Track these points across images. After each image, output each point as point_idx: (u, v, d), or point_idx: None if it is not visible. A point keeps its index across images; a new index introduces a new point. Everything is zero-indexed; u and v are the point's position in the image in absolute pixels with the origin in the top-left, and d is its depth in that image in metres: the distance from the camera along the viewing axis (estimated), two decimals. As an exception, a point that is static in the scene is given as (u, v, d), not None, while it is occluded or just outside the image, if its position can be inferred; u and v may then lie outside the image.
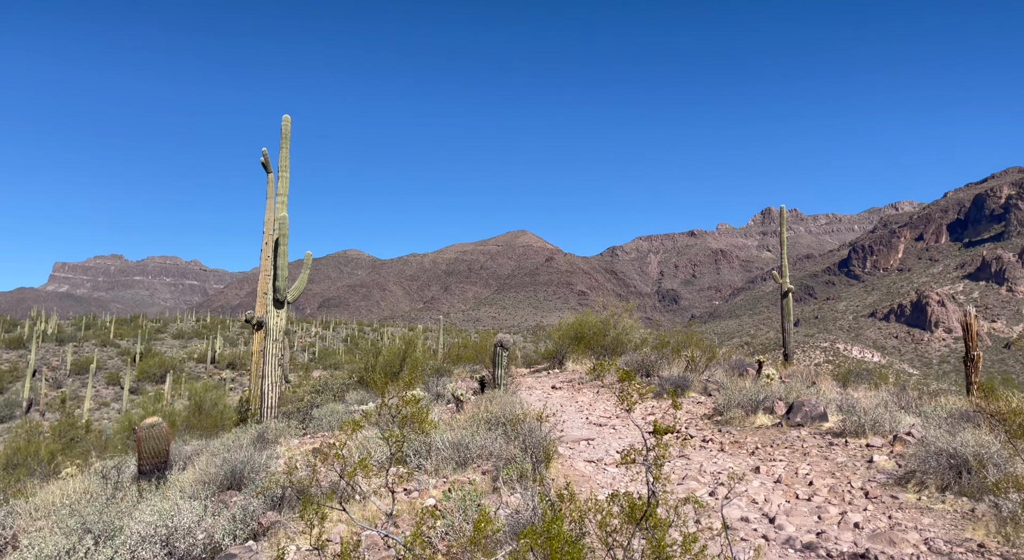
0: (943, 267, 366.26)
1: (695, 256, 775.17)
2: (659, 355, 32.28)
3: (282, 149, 22.62)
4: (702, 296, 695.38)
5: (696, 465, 14.52)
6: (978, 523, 8.94)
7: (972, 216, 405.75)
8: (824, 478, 12.56)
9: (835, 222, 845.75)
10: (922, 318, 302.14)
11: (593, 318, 39.18)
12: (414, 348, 34.82)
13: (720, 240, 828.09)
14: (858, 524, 9.61)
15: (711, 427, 19.00)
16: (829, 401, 19.98)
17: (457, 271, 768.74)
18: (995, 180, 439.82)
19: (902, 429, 15.31)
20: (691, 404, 23.54)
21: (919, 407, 18.67)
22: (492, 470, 13.04)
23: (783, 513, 10.47)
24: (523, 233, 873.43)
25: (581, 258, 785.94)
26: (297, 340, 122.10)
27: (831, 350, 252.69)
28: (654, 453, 5.34)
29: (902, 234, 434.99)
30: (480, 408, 19.58)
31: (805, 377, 31.46)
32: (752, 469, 13.80)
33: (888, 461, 13.12)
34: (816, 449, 15.01)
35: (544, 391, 29.24)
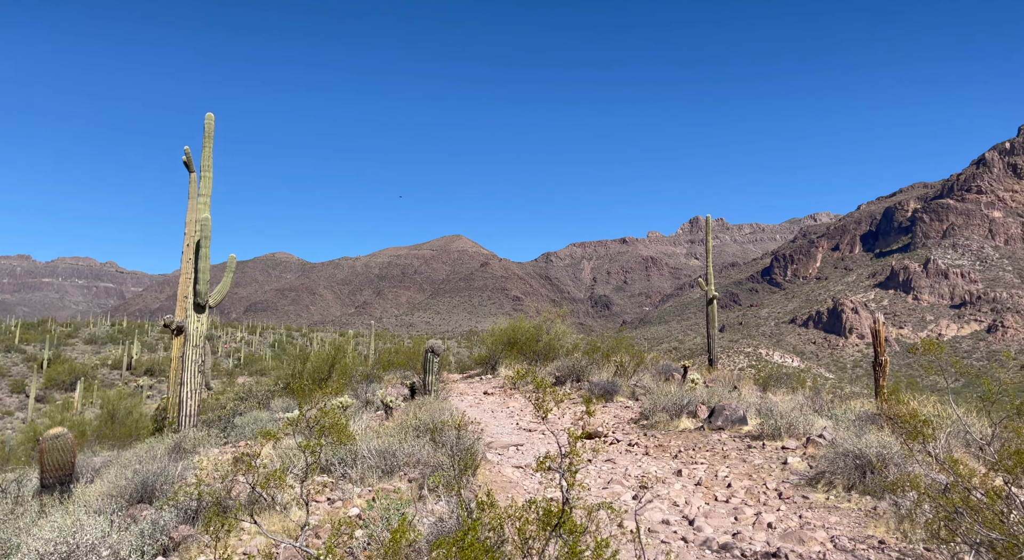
0: (856, 276, 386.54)
1: (627, 263, 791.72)
2: (590, 360, 32.71)
3: (205, 148, 21.83)
4: (633, 302, 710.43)
5: (621, 469, 14.77)
6: (879, 520, 9.44)
7: (883, 228, 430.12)
8: (742, 480, 13.00)
9: (759, 232, 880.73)
10: (838, 324, 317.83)
11: (526, 324, 39.40)
12: (344, 354, 34.15)
13: (651, 248, 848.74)
14: (771, 524, 9.98)
15: (637, 431, 19.38)
16: (749, 405, 20.69)
17: (390, 275, 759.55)
18: (903, 194, 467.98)
19: (815, 432, 16.02)
20: (619, 408, 23.95)
21: (831, 410, 19.57)
22: (419, 478, 12.90)
23: (702, 515, 10.78)
24: (458, 238, 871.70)
25: (516, 264, 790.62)
26: (221, 345, 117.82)
27: (754, 355, 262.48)
28: (569, 460, 5.39)
29: (820, 244, 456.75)
30: (409, 415, 19.36)
31: (728, 382, 32.46)
32: (675, 472, 14.15)
33: (801, 462, 13.70)
34: (735, 452, 15.53)
35: (476, 397, 29.18)
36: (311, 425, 9.19)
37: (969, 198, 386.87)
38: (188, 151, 23.71)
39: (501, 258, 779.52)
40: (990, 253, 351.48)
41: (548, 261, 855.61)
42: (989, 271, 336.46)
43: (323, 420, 8.72)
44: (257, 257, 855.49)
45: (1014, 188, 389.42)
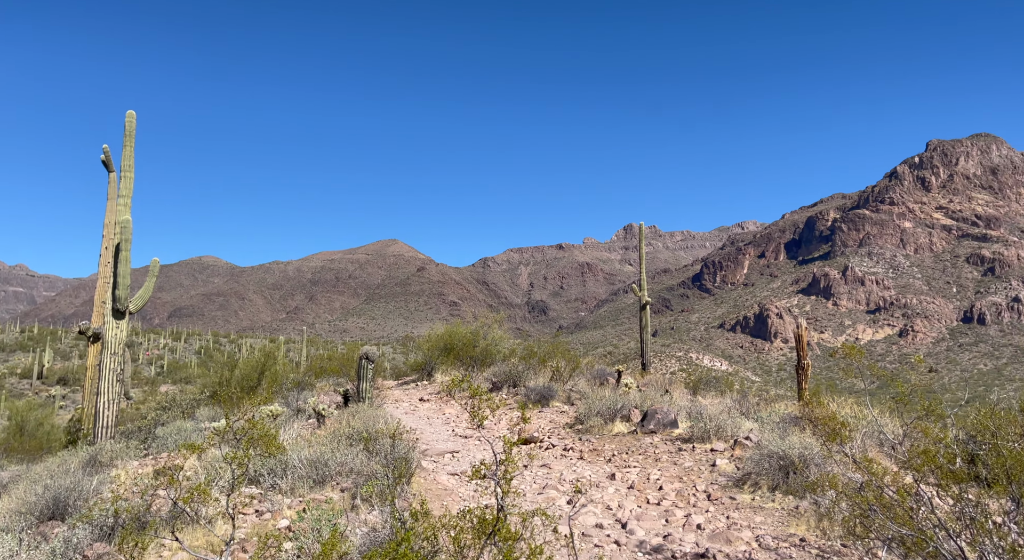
0: (781, 282, 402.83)
1: (563, 268, 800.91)
2: (527, 366, 32.84)
3: (126, 147, 20.86)
4: (569, 307, 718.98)
5: (557, 474, 14.89)
6: (801, 519, 9.84)
7: (805, 236, 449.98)
8: (673, 482, 13.31)
9: (690, 239, 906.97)
10: (763, 329, 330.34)
11: (463, 329, 39.27)
12: (274, 361, 33.20)
13: (586, 253, 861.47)
14: (700, 525, 10.26)
15: (572, 436, 19.58)
16: (680, 409, 21.21)
17: (324, 280, 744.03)
18: (823, 205, 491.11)
19: (742, 434, 16.57)
20: (555, 414, 24.14)
21: (757, 413, 20.28)
22: (352, 487, 12.66)
23: (635, 518, 10.97)
24: (394, 242, 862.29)
25: (453, 269, 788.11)
26: (143, 353, 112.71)
27: (685, 359, 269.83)
28: (503, 467, 5.39)
29: (747, 251, 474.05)
30: (342, 423, 18.98)
31: (660, 385, 33.17)
32: (608, 476, 14.37)
33: (729, 464, 14.14)
34: (667, 455, 15.89)
35: (412, 404, 28.88)
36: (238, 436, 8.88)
37: (883, 209, 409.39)
38: (107, 150, 22.61)
39: (438, 263, 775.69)
40: (902, 261, 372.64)
41: (486, 266, 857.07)
42: (901, 278, 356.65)
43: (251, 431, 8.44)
44: (183, 261, 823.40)
45: (922, 200, 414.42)
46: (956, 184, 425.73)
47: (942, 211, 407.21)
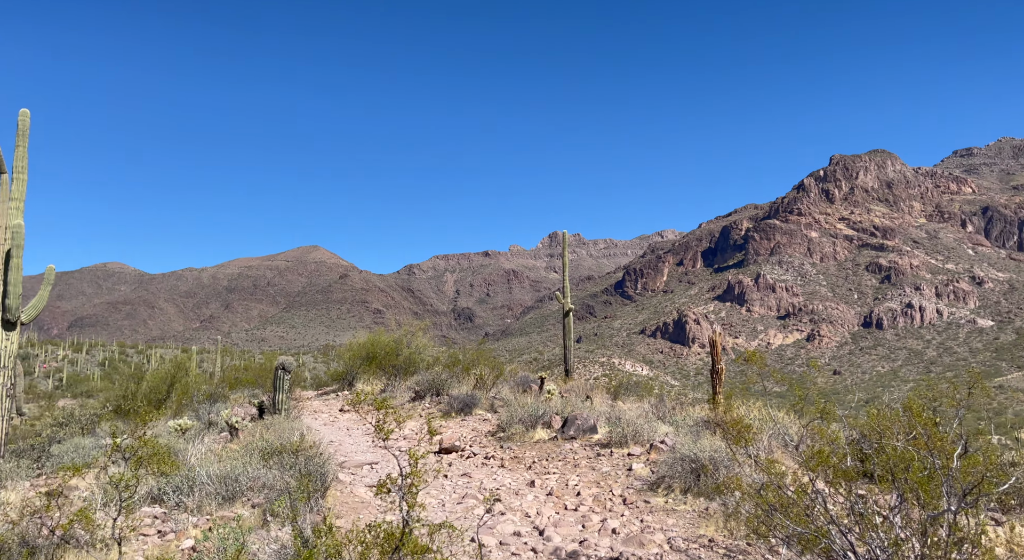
0: (698, 289, 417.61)
1: (489, 275, 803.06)
2: (451, 374, 32.67)
3: (18, 147, 19.50)
4: (495, 314, 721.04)
5: (477, 482, 14.85)
6: (710, 520, 10.18)
7: (720, 245, 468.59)
8: (590, 488, 13.52)
9: (612, 247, 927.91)
10: (682, 335, 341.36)
11: (387, 337, 38.71)
12: (185, 372, 31.73)
13: (512, 261, 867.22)
14: (615, 530, 10.45)
15: (494, 443, 19.59)
16: (600, 414, 21.58)
17: (241, 287, 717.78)
18: (737, 214, 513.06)
19: (657, 438, 17.01)
20: (477, 422, 24.10)
21: (673, 417, 20.88)
22: (264, 503, 12.22)
23: (552, 525, 11.07)
24: (316, 248, 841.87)
25: (377, 276, 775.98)
26: (39, 365, 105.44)
27: (608, 365, 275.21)
28: (410, 481, 5.33)
29: (666, 259, 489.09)
30: (256, 436, 18.31)
31: (582, 391, 33.66)
32: (528, 483, 14.45)
33: (644, 468, 14.49)
34: (586, 460, 16.13)
35: (331, 414, 28.20)
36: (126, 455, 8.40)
37: (792, 219, 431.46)
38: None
39: (362, 270, 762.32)
40: (809, 269, 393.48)
41: (411, 273, 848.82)
42: (808, 285, 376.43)
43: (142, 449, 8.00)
44: (85, 268, 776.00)
45: (827, 211, 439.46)
46: (857, 197, 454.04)
47: (844, 222, 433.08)
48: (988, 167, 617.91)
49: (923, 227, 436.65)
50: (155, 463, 8.18)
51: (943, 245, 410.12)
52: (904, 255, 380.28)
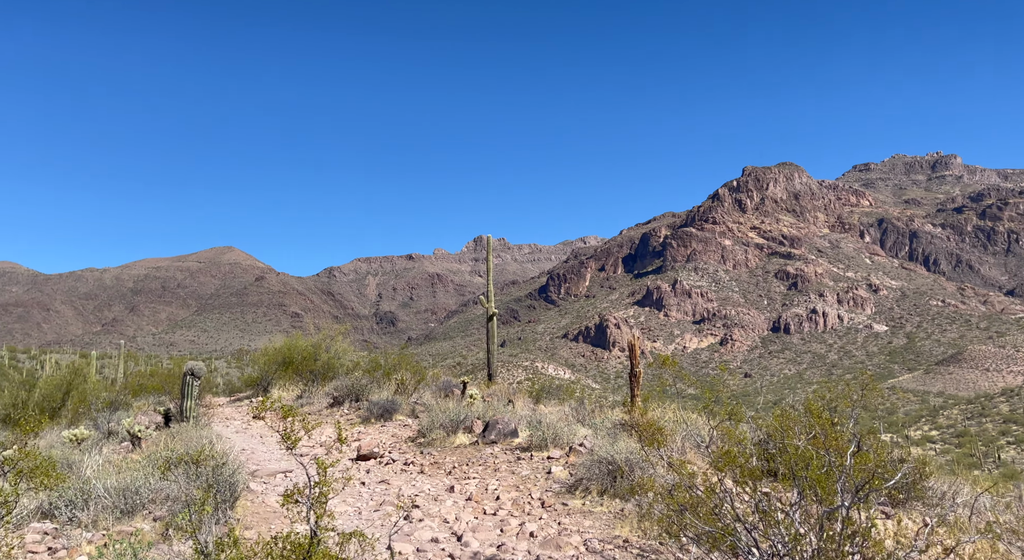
0: (619, 294, 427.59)
1: (413, 279, 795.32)
2: (371, 379, 32.11)
3: None
4: (419, 318, 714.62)
5: (395, 489, 14.62)
6: (625, 521, 10.39)
7: (640, 251, 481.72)
8: (510, 492, 13.55)
9: (537, 252, 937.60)
10: (603, 339, 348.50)
11: (304, 341, 37.67)
12: (84, 378, 29.84)
13: (437, 264, 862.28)
14: (533, 533, 10.51)
15: (414, 449, 19.36)
16: (521, 418, 21.68)
17: (148, 289, 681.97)
18: (656, 222, 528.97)
19: (576, 441, 17.24)
20: (398, 427, 23.78)
21: (592, 420, 21.23)
22: (167, 516, 11.61)
23: (470, 530, 11.02)
24: (230, 249, 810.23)
25: (296, 278, 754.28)
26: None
27: (531, 369, 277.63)
28: (318, 490, 5.18)
29: (589, 265, 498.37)
30: (161, 445, 17.40)
31: (505, 396, 33.75)
32: (448, 489, 14.34)
33: (563, 471, 14.65)
34: (506, 464, 16.16)
35: (244, 421, 27.14)
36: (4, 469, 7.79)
37: (707, 228, 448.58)
38: None
39: (279, 272, 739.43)
40: (722, 276, 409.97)
41: (331, 276, 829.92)
42: (722, 291, 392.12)
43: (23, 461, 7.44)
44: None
45: (739, 220, 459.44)
46: (767, 207, 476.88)
47: (755, 231, 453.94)
48: (883, 182, 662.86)
49: (826, 237, 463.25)
50: (39, 476, 7.56)
51: (844, 254, 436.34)
52: (809, 263, 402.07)
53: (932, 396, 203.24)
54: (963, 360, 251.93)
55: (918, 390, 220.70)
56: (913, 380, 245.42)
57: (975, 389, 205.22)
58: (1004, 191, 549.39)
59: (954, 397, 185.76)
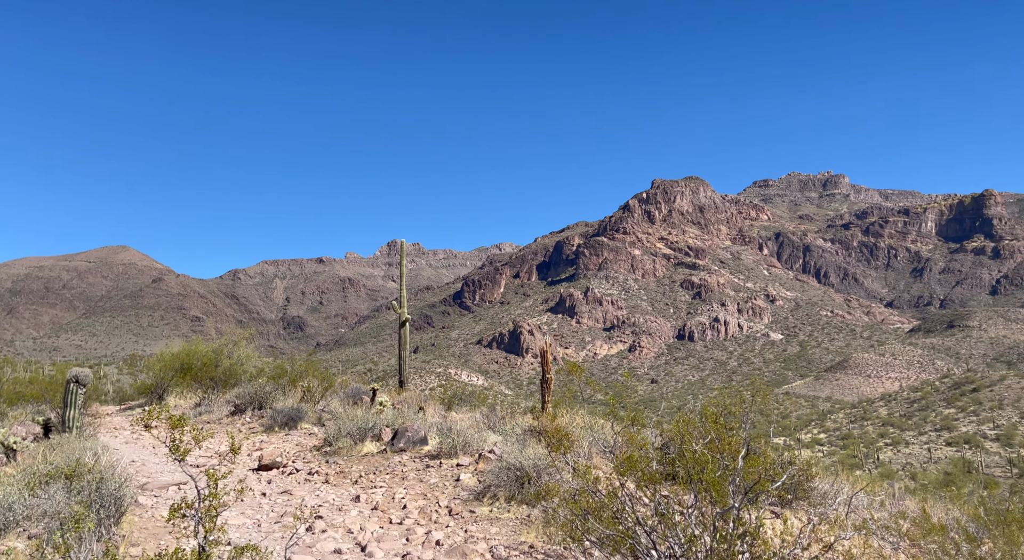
0: (533, 301, 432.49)
1: (323, 283, 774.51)
2: (276, 386, 31.04)
3: None
4: (329, 323, 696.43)
5: (298, 499, 14.16)
6: (531, 527, 10.49)
7: (554, 259, 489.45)
8: (417, 500, 13.39)
9: (452, 257, 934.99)
10: (517, 345, 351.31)
11: (204, 347, 35.95)
12: (-50, 386, 27.24)
13: (348, 268, 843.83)
14: (439, 541, 10.43)
15: (320, 458, 18.82)
16: (431, 425, 21.48)
17: (29, 290, 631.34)
18: (570, 230, 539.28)
19: (486, 448, 17.26)
20: (303, 436, 23.05)
21: (502, 426, 21.31)
22: (44, 533, 10.75)
23: (375, 540, 10.81)
24: (124, 249, 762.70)
25: (197, 280, 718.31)
26: None
27: (444, 375, 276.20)
28: (208, 503, 4.94)
29: (504, 271, 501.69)
30: (39, 458, 16.11)
31: (416, 402, 33.36)
32: (353, 498, 14.01)
33: (472, 478, 14.62)
34: (414, 472, 15.97)
35: (134, 432, 25.55)
36: None
37: (618, 237, 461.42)
38: None
39: (179, 274, 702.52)
40: (632, 284, 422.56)
41: (236, 279, 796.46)
42: (631, 300, 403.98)
43: None
44: None
45: (648, 231, 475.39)
46: (674, 219, 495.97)
47: (663, 241, 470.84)
48: (780, 197, 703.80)
49: (728, 249, 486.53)
50: None
51: (744, 265, 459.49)
52: (713, 274, 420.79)
53: (821, 401, 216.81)
54: (848, 367, 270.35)
55: (809, 395, 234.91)
56: (805, 386, 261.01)
57: (858, 394, 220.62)
58: (884, 210, 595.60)
59: (840, 402, 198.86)
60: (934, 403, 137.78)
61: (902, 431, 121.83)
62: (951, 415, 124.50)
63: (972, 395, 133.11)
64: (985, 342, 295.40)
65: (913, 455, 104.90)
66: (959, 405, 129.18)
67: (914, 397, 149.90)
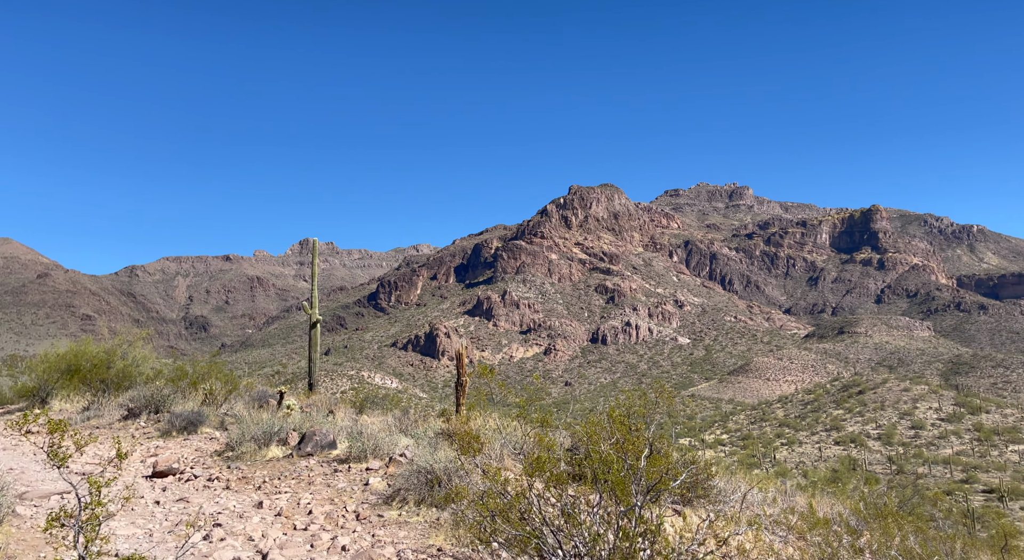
0: (450, 304, 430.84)
1: (229, 282, 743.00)
2: (175, 388, 29.56)
3: None
4: (235, 324, 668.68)
5: (195, 507, 13.49)
6: (440, 529, 10.42)
7: (472, 262, 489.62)
8: (324, 505, 13.04)
9: (367, 258, 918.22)
10: (433, 348, 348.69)
11: (95, 347, 33.76)
12: None
13: (257, 267, 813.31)
14: (345, 547, 10.19)
15: (220, 464, 18.03)
16: (341, 429, 21.00)
17: None
18: (488, 233, 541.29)
19: (398, 451, 17.03)
20: (203, 441, 22.03)
21: (415, 429, 21.11)
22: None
23: (278, 547, 10.44)
24: (6, 241, 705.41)
25: (89, 277, 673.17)
26: None
27: (357, 378, 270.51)
28: (89, 512, 4.63)
29: (421, 273, 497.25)
30: (-102, 469, 14.63)
31: (325, 406, 32.54)
32: (256, 505, 13.50)
33: (381, 482, 14.39)
34: (321, 477, 15.55)
35: (14, 438, 23.65)
36: None
37: (536, 241, 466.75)
38: None
39: (68, 269, 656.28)
40: (548, 288, 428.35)
41: (133, 275, 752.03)
42: (547, 303, 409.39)
43: None
44: None
45: (565, 236, 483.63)
46: (590, 224, 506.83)
47: (579, 247, 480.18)
48: (690, 207, 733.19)
49: (641, 255, 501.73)
50: None
51: (655, 272, 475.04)
52: (626, 279, 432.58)
53: (724, 403, 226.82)
54: (750, 370, 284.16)
55: (713, 397, 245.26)
56: (710, 388, 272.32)
57: (759, 396, 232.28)
58: (784, 221, 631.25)
59: (742, 404, 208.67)
60: (825, 405, 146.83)
61: (796, 431, 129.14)
62: (840, 416, 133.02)
63: (858, 397, 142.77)
64: (870, 347, 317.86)
65: (806, 454, 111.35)
66: (847, 406, 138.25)
67: (808, 399, 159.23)
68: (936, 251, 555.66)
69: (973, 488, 76.44)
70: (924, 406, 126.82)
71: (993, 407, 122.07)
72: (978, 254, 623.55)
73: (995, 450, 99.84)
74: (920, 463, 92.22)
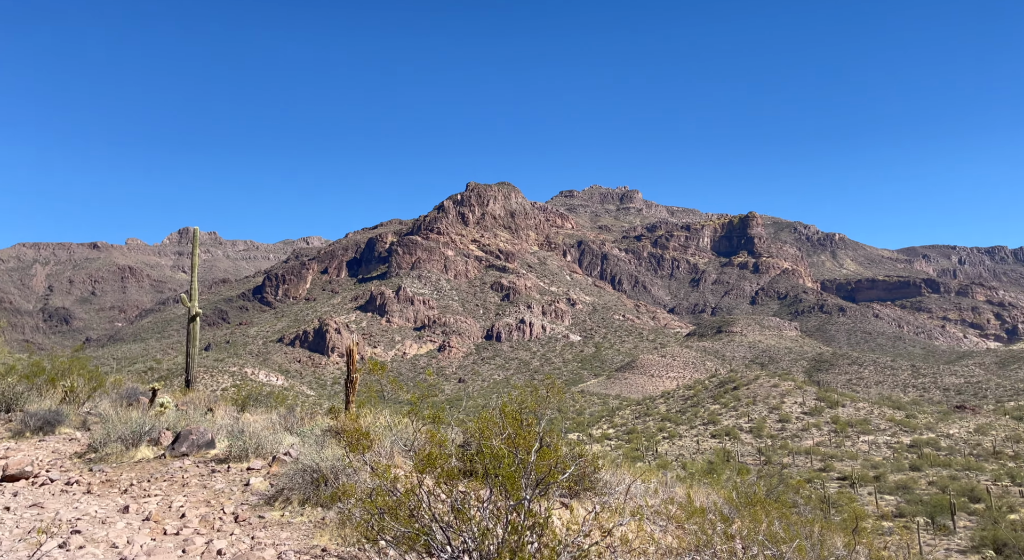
0: (342, 299, 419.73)
1: (97, 271, 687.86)
2: (30, 385, 27.12)
3: None
4: (103, 317, 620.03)
5: (51, 513, 12.36)
6: (326, 529, 10.09)
7: (366, 256, 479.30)
8: (199, 508, 12.31)
9: (253, 249, 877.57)
10: (322, 344, 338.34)
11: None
12: None
13: (130, 256, 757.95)
14: (221, 551, 9.65)
15: (81, 466, 16.63)
16: (221, 428, 19.94)
17: None
18: (383, 228, 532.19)
19: (282, 450, 16.35)
20: (62, 442, 20.27)
21: (301, 427, 20.37)
22: None
23: (144, 554, 9.74)
24: None
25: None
26: None
27: (240, 374, 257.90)
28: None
29: (311, 267, 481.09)
30: None
31: (204, 404, 30.90)
32: (121, 509, 12.54)
33: (263, 482, 13.76)
34: (197, 478, 14.68)
35: None
36: None
37: (432, 237, 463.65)
38: None
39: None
40: (444, 285, 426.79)
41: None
42: (443, 299, 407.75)
43: None
44: None
45: (462, 233, 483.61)
46: (487, 222, 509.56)
47: (476, 244, 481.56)
48: (583, 208, 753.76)
49: (536, 254, 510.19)
50: None
51: (549, 270, 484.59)
52: (521, 277, 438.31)
53: (612, 398, 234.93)
54: (636, 367, 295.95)
55: (601, 393, 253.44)
56: (598, 384, 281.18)
57: (643, 392, 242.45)
58: (671, 225, 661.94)
59: (628, 399, 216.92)
60: (703, 400, 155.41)
61: (677, 425, 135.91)
62: (716, 410, 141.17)
63: (733, 392, 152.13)
64: (745, 346, 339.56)
65: (685, 447, 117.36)
66: (723, 401, 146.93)
67: (688, 395, 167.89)
68: (804, 256, 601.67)
69: (830, 476, 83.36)
70: (790, 401, 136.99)
71: (848, 401, 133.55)
72: (839, 260, 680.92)
73: (848, 441, 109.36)
74: (785, 454, 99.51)
